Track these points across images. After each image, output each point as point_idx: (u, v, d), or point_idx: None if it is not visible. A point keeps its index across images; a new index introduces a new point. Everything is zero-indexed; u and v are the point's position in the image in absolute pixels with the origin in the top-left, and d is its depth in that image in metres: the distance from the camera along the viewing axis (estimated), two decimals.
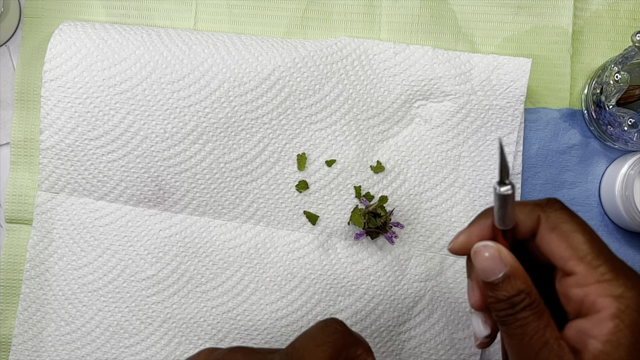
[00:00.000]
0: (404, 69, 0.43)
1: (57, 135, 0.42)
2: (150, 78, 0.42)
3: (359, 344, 0.31)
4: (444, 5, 0.45)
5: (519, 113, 0.44)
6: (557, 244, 0.26)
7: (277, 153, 0.43)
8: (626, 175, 0.43)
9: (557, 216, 0.27)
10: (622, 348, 0.24)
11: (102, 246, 0.43)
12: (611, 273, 0.25)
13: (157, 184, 0.43)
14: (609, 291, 0.25)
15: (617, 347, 0.24)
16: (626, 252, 0.45)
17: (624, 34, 0.46)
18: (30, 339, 0.43)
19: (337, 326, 0.30)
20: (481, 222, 0.29)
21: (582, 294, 0.25)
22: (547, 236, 0.27)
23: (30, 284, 0.43)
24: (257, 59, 0.42)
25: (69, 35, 0.42)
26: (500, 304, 0.27)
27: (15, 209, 0.44)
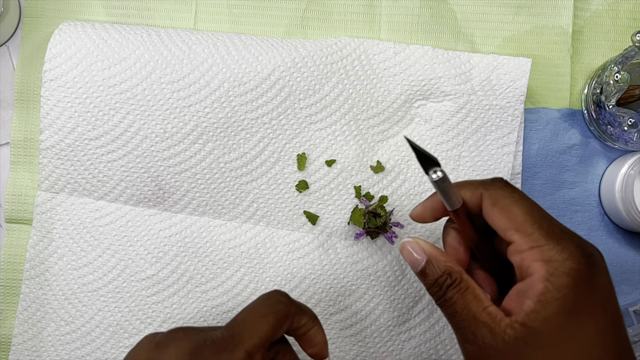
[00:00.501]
0: (404, 69, 0.43)
1: (57, 135, 0.42)
2: (150, 78, 0.42)
3: (303, 313, 0.32)
4: (444, 5, 0.45)
5: (519, 113, 0.44)
6: (497, 217, 0.29)
7: (277, 153, 0.43)
8: (626, 175, 0.43)
9: (498, 193, 0.29)
10: (550, 307, 0.26)
11: (102, 246, 0.43)
12: (544, 239, 0.27)
13: (157, 184, 0.43)
14: (540, 256, 0.27)
15: (545, 306, 0.26)
16: (626, 252, 0.45)
17: (624, 34, 0.46)
18: (30, 339, 0.43)
19: (279, 297, 0.31)
20: (435, 197, 0.32)
21: (520, 260, 0.27)
22: (489, 211, 0.29)
23: (30, 283, 0.43)
24: (257, 58, 0.42)
25: (68, 35, 0.42)
26: (432, 288, 0.30)
27: (15, 209, 0.44)
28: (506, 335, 0.26)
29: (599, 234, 0.45)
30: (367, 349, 0.43)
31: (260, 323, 0.30)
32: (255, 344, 0.29)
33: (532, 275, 0.27)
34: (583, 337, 0.26)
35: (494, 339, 0.27)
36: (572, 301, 0.26)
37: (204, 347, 0.28)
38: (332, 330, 0.43)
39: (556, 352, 0.26)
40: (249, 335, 0.29)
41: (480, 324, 0.27)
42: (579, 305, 0.26)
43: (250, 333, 0.29)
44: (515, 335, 0.26)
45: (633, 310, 0.45)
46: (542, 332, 0.26)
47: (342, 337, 0.43)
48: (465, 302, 0.28)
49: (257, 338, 0.29)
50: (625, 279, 0.45)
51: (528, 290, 0.27)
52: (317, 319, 0.33)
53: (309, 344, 0.33)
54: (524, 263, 0.27)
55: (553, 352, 0.26)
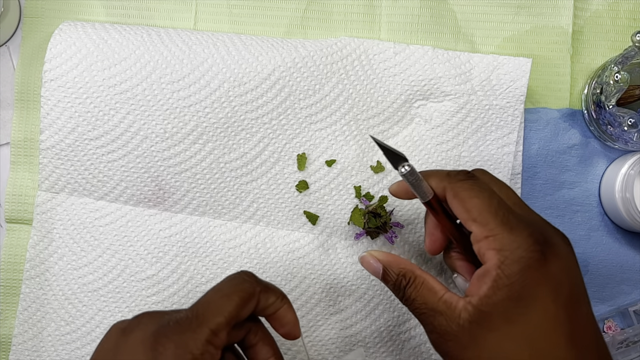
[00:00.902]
0: (404, 69, 0.43)
1: (57, 135, 0.42)
2: (150, 78, 0.42)
3: (269, 291, 0.32)
4: (444, 5, 0.45)
5: (519, 113, 0.44)
6: (458, 209, 0.31)
7: (277, 153, 0.43)
8: (626, 175, 0.43)
9: (458, 185, 0.31)
10: (500, 293, 0.28)
11: (102, 246, 0.43)
12: (498, 228, 0.29)
13: (157, 184, 0.43)
14: (493, 245, 0.29)
15: (496, 292, 0.28)
16: (626, 252, 0.45)
17: (624, 34, 0.46)
18: (30, 339, 0.43)
19: (244, 277, 0.31)
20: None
21: (477, 248, 0.30)
22: (451, 202, 0.31)
23: (30, 284, 0.43)
24: (257, 59, 0.42)
25: (69, 35, 0.42)
26: (394, 290, 0.32)
27: (15, 209, 0.44)
28: (460, 319, 0.29)
29: (599, 234, 0.45)
30: (367, 349, 0.43)
31: (225, 302, 0.30)
32: (219, 323, 0.29)
33: (487, 263, 0.29)
34: (530, 320, 0.28)
35: (450, 325, 0.29)
36: (520, 288, 0.28)
37: (167, 329, 0.28)
38: (332, 331, 0.43)
39: (504, 333, 0.28)
40: (213, 315, 0.29)
41: (437, 314, 0.30)
42: (526, 292, 0.28)
43: (214, 312, 0.29)
44: (469, 319, 0.28)
45: (633, 310, 0.45)
46: (492, 316, 0.28)
47: (342, 337, 0.43)
48: (422, 297, 0.31)
49: (222, 317, 0.29)
50: (625, 279, 0.45)
51: (484, 276, 0.29)
52: (286, 297, 0.33)
53: (279, 323, 0.33)
54: (481, 251, 0.29)
55: (501, 334, 0.28)
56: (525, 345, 0.28)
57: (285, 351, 0.43)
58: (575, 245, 0.45)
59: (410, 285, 0.31)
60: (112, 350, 0.29)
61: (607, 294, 0.45)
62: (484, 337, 0.28)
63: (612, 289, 0.45)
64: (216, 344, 0.29)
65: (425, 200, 0.32)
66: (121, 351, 0.28)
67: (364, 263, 0.34)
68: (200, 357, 0.28)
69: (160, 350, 0.27)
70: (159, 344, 0.28)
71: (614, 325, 0.45)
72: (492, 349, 0.28)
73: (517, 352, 0.28)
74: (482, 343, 0.28)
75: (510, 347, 0.28)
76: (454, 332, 0.29)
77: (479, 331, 0.28)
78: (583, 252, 0.45)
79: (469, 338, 0.28)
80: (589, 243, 0.45)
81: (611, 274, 0.45)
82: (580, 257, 0.45)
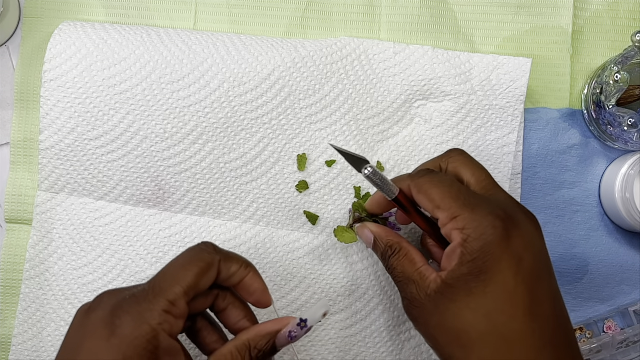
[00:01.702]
0: (404, 69, 0.43)
1: (57, 136, 0.42)
2: (150, 78, 0.42)
3: (231, 260, 0.33)
4: (444, 5, 0.45)
5: (519, 113, 0.44)
6: (423, 201, 0.33)
7: (277, 153, 0.43)
8: (626, 175, 0.43)
9: (420, 181, 0.34)
10: (464, 268, 0.30)
11: (102, 246, 0.43)
12: (460, 210, 0.31)
13: (157, 184, 0.43)
14: (457, 225, 0.31)
15: (460, 267, 0.31)
16: (626, 252, 0.45)
17: (624, 34, 0.46)
18: (30, 339, 0.43)
19: (202, 247, 0.32)
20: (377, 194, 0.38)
21: (445, 232, 0.32)
22: (417, 197, 0.34)
23: (30, 284, 0.43)
24: (257, 59, 0.42)
25: (68, 35, 0.42)
26: (382, 259, 0.36)
27: (15, 209, 0.44)
28: (429, 289, 0.32)
29: (599, 234, 0.45)
30: (367, 349, 0.43)
31: (182, 273, 0.30)
32: (176, 293, 0.29)
33: (453, 242, 0.31)
34: (488, 293, 0.30)
35: (419, 293, 0.32)
36: (482, 263, 0.30)
37: (124, 302, 0.29)
38: (332, 331, 0.43)
39: (464, 304, 0.30)
40: (170, 285, 0.30)
41: (411, 282, 0.33)
42: (487, 266, 0.30)
43: (171, 283, 0.30)
44: (435, 289, 0.31)
45: (633, 310, 0.45)
46: (455, 288, 0.30)
47: (342, 337, 0.43)
48: (402, 266, 0.34)
49: (179, 287, 0.30)
50: (625, 279, 0.45)
51: (452, 254, 0.31)
52: (251, 266, 0.34)
53: (247, 292, 0.34)
54: (447, 232, 0.32)
55: (462, 305, 0.30)
56: (483, 316, 0.30)
57: (283, 352, 0.43)
58: (575, 245, 0.45)
59: (395, 255, 0.34)
60: (78, 332, 0.30)
61: (607, 294, 0.45)
62: (446, 306, 0.31)
63: (612, 289, 0.45)
64: (175, 314, 0.29)
65: (393, 197, 0.34)
66: (85, 331, 0.29)
67: (360, 232, 0.38)
68: (159, 326, 0.28)
69: (117, 324, 0.28)
70: (117, 318, 0.28)
71: (614, 325, 0.45)
72: (453, 317, 0.30)
73: (475, 322, 0.30)
74: (445, 312, 0.31)
75: (470, 317, 0.30)
76: (422, 300, 0.32)
77: (442, 301, 0.31)
78: (583, 252, 0.45)
79: (434, 306, 0.31)
80: (589, 243, 0.45)
81: (611, 274, 0.45)
82: (580, 257, 0.45)
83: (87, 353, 0.28)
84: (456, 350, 0.31)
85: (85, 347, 0.28)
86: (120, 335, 0.28)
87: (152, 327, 0.28)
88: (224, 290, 0.34)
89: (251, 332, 0.32)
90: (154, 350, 0.28)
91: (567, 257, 0.45)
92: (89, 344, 0.28)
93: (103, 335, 0.28)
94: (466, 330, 0.30)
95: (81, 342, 0.29)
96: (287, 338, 0.32)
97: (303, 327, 0.33)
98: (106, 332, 0.28)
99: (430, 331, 0.32)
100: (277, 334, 0.32)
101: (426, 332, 0.33)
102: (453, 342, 0.31)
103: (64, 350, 0.30)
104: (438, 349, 0.32)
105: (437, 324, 0.31)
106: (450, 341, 0.31)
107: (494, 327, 0.30)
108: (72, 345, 0.29)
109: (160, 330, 0.28)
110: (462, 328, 0.30)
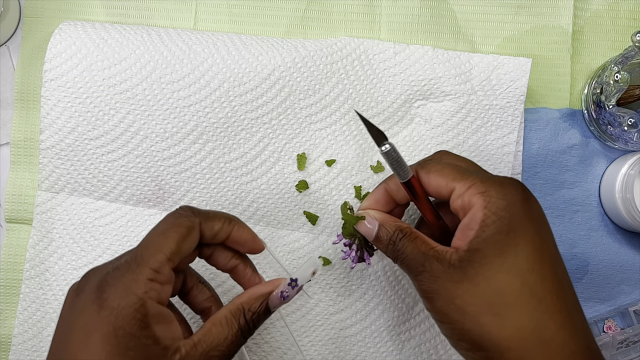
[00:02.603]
0: (404, 69, 0.43)
1: (57, 135, 0.42)
2: (150, 78, 0.42)
3: (212, 219, 0.33)
4: (444, 5, 0.45)
5: (519, 113, 0.44)
6: (435, 179, 0.33)
7: (277, 153, 0.43)
8: (626, 175, 0.43)
9: (429, 164, 0.34)
10: (489, 229, 0.30)
11: (102, 246, 0.43)
12: (478, 179, 0.31)
13: (157, 184, 0.43)
14: (477, 190, 0.31)
15: (485, 229, 0.30)
16: (626, 252, 0.45)
17: (624, 34, 0.46)
18: (30, 339, 0.43)
19: (180, 212, 0.32)
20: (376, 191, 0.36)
21: (461, 202, 0.31)
22: (426, 179, 0.33)
23: (30, 283, 0.43)
24: (257, 58, 0.42)
25: (68, 35, 0.42)
26: (388, 247, 0.33)
27: (15, 209, 0.44)
28: (452, 259, 0.30)
29: (599, 234, 0.45)
30: (367, 349, 0.43)
31: (162, 240, 0.30)
32: (159, 261, 0.29)
33: (473, 207, 0.30)
34: (520, 251, 0.29)
35: (441, 264, 0.30)
36: (509, 221, 0.29)
37: (109, 276, 0.29)
38: (332, 330, 0.43)
39: (496, 265, 0.29)
40: (152, 254, 0.30)
41: (428, 257, 0.31)
42: (514, 224, 0.29)
43: (152, 251, 0.30)
44: (459, 259, 0.30)
45: (633, 310, 0.45)
46: (484, 251, 0.29)
47: (342, 337, 0.43)
48: (415, 246, 0.32)
49: (161, 254, 0.30)
50: (625, 279, 0.45)
51: (470, 222, 0.30)
52: (235, 219, 0.34)
53: (237, 244, 0.34)
54: (465, 200, 0.31)
55: (494, 266, 0.29)
56: (517, 275, 0.29)
57: (282, 354, 0.43)
58: (575, 245, 0.45)
59: (406, 236, 0.33)
60: (69, 312, 0.30)
61: (607, 294, 0.45)
62: (476, 271, 0.29)
63: (612, 289, 0.45)
64: (160, 280, 0.29)
65: (406, 179, 0.33)
66: (75, 310, 0.29)
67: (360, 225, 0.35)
68: (145, 295, 0.28)
69: (104, 297, 0.28)
70: (103, 292, 0.29)
71: (614, 325, 0.45)
72: (486, 281, 0.29)
73: (509, 282, 0.29)
74: (475, 277, 0.29)
75: (503, 278, 0.29)
76: (447, 270, 0.30)
77: (471, 267, 0.29)
78: (583, 252, 0.45)
79: (461, 274, 0.30)
80: (589, 243, 0.45)
81: (611, 274, 0.45)
82: (580, 257, 0.45)
83: (80, 330, 0.28)
84: (488, 319, 0.29)
85: (77, 325, 0.29)
86: (109, 308, 0.28)
87: (138, 297, 0.28)
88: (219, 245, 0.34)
89: (244, 296, 0.33)
90: (142, 319, 0.28)
91: (567, 257, 0.45)
92: (80, 322, 0.29)
93: (92, 310, 0.28)
94: (501, 292, 0.29)
95: (73, 320, 0.29)
96: (280, 298, 0.33)
97: (294, 286, 0.33)
98: (95, 307, 0.28)
99: (457, 303, 0.30)
100: (270, 295, 0.33)
101: (448, 306, 0.30)
102: (485, 309, 0.29)
103: (59, 331, 0.30)
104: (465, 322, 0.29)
105: (465, 291, 0.29)
106: (482, 310, 0.29)
107: (529, 287, 0.29)
108: (65, 325, 0.30)
109: (147, 298, 0.29)
110: (497, 290, 0.29)
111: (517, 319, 0.29)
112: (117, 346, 0.27)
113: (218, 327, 0.31)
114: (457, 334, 0.30)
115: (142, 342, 0.28)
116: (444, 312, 0.30)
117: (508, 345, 0.28)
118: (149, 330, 0.28)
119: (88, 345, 0.28)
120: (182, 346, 0.29)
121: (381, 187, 0.36)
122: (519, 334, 0.28)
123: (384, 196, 0.36)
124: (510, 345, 0.28)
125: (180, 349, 0.29)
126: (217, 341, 0.30)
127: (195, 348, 0.30)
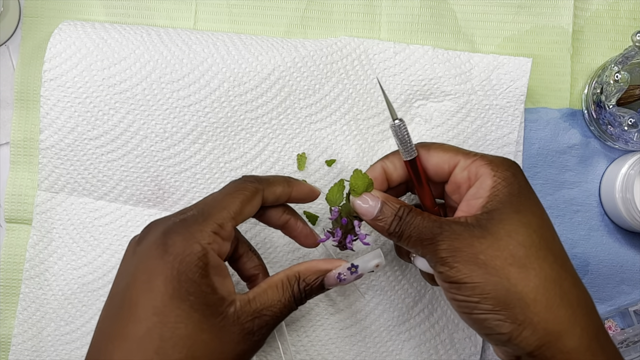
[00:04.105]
0: (404, 69, 0.43)
1: (57, 135, 0.42)
2: (150, 77, 0.42)
3: (273, 184, 0.34)
4: (444, 5, 0.45)
5: (519, 113, 0.44)
6: (437, 155, 0.34)
7: (277, 153, 0.43)
8: (626, 175, 0.43)
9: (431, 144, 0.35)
10: (501, 193, 0.31)
11: (102, 246, 0.43)
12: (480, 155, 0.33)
13: (157, 184, 0.43)
14: (484, 161, 0.32)
15: (497, 193, 0.31)
16: (626, 252, 0.45)
17: (624, 33, 0.46)
18: (30, 339, 0.43)
19: (246, 178, 0.34)
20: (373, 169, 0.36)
21: (467, 173, 0.32)
22: (427, 156, 0.34)
23: (30, 283, 0.43)
24: (257, 58, 0.42)
25: (68, 35, 0.42)
26: (392, 225, 0.32)
27: (15, 209, 0.44)
28: (468, 222, 0.30)
29: (599, 234, 0.45)
30: (367, 349, 0.43)
31: (229, 199, 0.32)
32: (224, 217, 0.31)
33: (482, 177, 0.31)
34: (534, 211, 0.31)
35: (458, 226, 0.30)
36: (517, 187, 0.31)
37: (175, 226, 0.31)
38: (332, 330, 0.43)
39: (516, 219, 0.30)
40: (218, 210, 0.31)
41: (444, 223, 0.31)
42: (521, 188, 0.31)
43: (219, 209, 0.31)
44: (476, 219, 0.30)
45: (633, 310, 0.45)
46: (501, 209, 0.30)
47: (342, 337, 0.43)
48: (423, 217, 0.32)
49: (226, 212, 0.31)
50: (625, 279, 0.45)
51: (479, 190, 0.31)
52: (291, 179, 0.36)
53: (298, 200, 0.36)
54: (472, 170, 0.32)
55: (514, 221, 0.30)
56: (535, 230, 0.30)
57: (283, 352, 0.43)
58: (575, 245, 0.45)
59: (413, 211, 0.32)
60: (131, 259, 0.31)
61: (607, 294, 0.45)
62: (496, 227, 0.30)
63: (612, 289, 0.45)
64: (223, 236, 0.31)
65: (411, 157, 0.34)
66: (138, 256, 0.31)
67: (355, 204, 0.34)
68: (208, 246, 0.30)
69: (170, 243, 0.30)
70: (168, 238, 0.30)
71: (614, 325, 0.45)
72: (508, 235, 0.30)
73: (530, 236, 0.30)
74: (496, 232, 0.30)
75: (524, 232, 0.30)
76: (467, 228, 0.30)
77: (491, 223, 0.30)
78: (583, 252, 0.45)
79: (482, 230, 0.30)
80: (589, 243, 0.45)
81: (611, 274, 0.45)
82: (581, 257, 0.45)
83: (142, 273, 0.30)
84: (514, 271, 0.29)
85: (140, 268, 0.30)
86: (173, 253, 0.29)
87: (202, 246, 0.30)
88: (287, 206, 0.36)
89: (302, 265, 0.34)
90: (204, 267, 0.29)
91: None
92: (143, 265, 0.30)
93: (156, 254, 0.29)
94: (523, 244, 0.29)
95: (136, 265, 0.30)
96: (336, 279, 0.33)
97: (353, 272, 0.34)
98: (159, 252, 0.29)
99: (481, 258, 0.29)
100: (327, 272, 0.33)
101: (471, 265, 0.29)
102: (510, 261, 0.29)
103: (119, 277, 0.31)
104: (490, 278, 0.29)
105: (489, 246, 0.29)
106: (507, 262, 0.29)
107: (546, 242, 0.30)
108: (126, 270, 0.31)
109: (210, 249, 0.30)
110: (519, 243, 0.29)
111: (542, 270, 0.29)
112: (178, 290, 0.29)
113: (273, 289, 0.32)
114: (479, 294, 0.29)
115: (202, 289, 0.29)
116: (467, 273, 0.29)
117: (535, 297, 0.29)
118: (208, 279, 0.29)
119: (151, 287, 0.29)
120: (237, 300, 0.31)
121: (378, 165, 0.36)
122: (544, 284, 0.29)
123: (380, 175, 0.36)
124: (537, 296, 0.29)
125: (235, 302, 0.30)
126: (270, 302, 0.31)
127: (249, 304, 0.31)
